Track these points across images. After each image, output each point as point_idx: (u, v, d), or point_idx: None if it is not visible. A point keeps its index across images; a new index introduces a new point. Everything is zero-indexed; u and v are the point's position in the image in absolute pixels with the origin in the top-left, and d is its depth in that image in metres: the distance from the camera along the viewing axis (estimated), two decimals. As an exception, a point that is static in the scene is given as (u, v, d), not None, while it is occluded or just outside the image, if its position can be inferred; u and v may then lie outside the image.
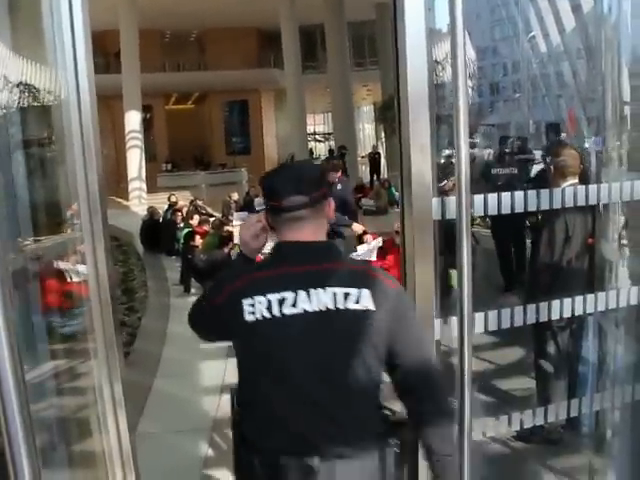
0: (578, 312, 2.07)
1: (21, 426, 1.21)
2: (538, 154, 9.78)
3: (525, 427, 3.51)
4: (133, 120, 21.24)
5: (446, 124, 2.11)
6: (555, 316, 2.03)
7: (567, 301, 2.03)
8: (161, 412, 4.61)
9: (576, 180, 3.54)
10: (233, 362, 4.89)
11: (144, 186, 21.70)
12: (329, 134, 35.93)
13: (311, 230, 1.63)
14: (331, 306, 1.58)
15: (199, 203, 14.28)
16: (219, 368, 5.44)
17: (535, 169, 8.80)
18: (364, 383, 1.62)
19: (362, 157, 29.31)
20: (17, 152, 2.49)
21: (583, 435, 3.64)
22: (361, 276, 1.63)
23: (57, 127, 2.25)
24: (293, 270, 1.62)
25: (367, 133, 43.77)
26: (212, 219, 11.06)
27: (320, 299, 1.58)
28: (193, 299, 6.05)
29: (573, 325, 3.58)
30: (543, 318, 2.02)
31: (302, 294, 1.58)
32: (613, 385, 2.63)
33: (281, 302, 1.58)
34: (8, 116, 2.75)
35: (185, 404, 4.74)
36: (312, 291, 1.58)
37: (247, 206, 15.53)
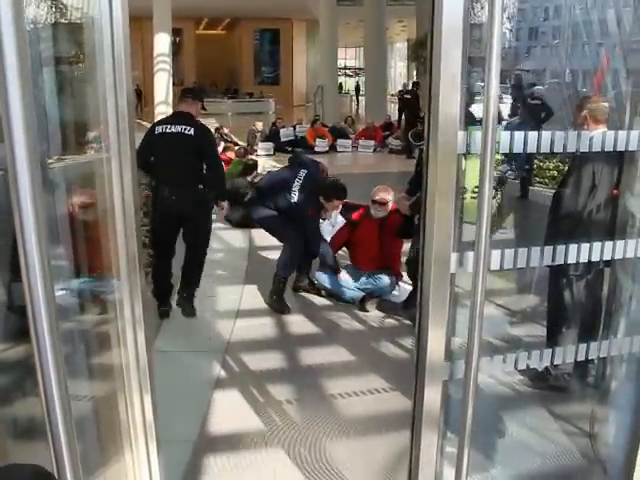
0: (595, 258, 2.06)
1: (49, 339, 1.26)
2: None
3: (533, 372, 3.61)
4: (162, 43, 20.92)
5: (479, 66, 2.07)
6: (572, 260, 2.03)
7: (585, 246, 2.02)
8: (177, 332, 4.73)
9: (606, 128, 3.47)
10: (249, 288, 4.97)
11: (170, 110, 21.57)
12: (360, 69, 35.25)
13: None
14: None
15: (225, 131, 14.18)
16: (236, 292, 5.55)
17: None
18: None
19: (392, 95, 28.81)
20: (46, 69, 2.48)
21: (588, 384, 3.70)
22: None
23: (88, 45, 2.23)
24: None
25: (399, 71, 42.90)
26: (237, 147, 11.00)
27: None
28: (214, 225, 6.04)
29: (589, 275, 3.58)
30: (559, 261, 2.02)
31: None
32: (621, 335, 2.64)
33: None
34: (36, 32, 2.72)
35: (200, 326, 4.85)
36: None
37: (273, 136, 15.47)
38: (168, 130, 4.83)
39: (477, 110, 1.87)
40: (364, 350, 4.46)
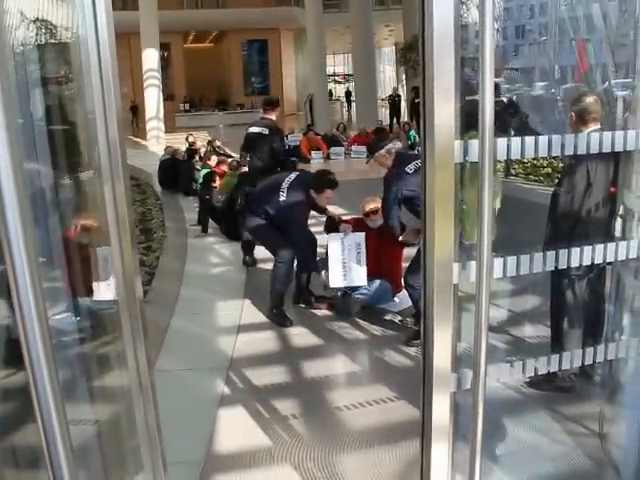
0: (597, 261, 2.05)
1: (45, 363, 1.23)
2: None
3: (539, 374, 3.58)
4: (151, 58, 20.99)
5: (469, 67, 2.05)
6: (574, 264, 2.01)
7: (587, 249, 2.01)
8: (178, 350, 4.70)
9: (598, 126, 3.46)
10: (249, 302, 4.94)
11: (162, 125, 21.62)
12: (349, 75, 35.33)
13: None
14: None
15: (217, 143, 14.18)
16: (236, 308, 5.52)
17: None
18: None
19: (382, 100, 28.88)
20: (35, 90, 2.46)
21: (595, 384, 3.67)
22: None
23: (75, 65, 2.21)
24: None
25: (388, 75, 43.02)
26: (230, 160, 10.99)
27: None
28: (210, 240, 6.20)
29: (591, 274, 3.56)
30: (562, 265, 2.00)
31: None
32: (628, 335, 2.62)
33: None
34: (26, 53, 2.71)
35: (202, 343, 4.82)
36: None
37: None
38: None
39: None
40: (367, 360, 4.44)
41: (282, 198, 5.20)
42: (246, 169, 8.13)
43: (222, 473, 3.19)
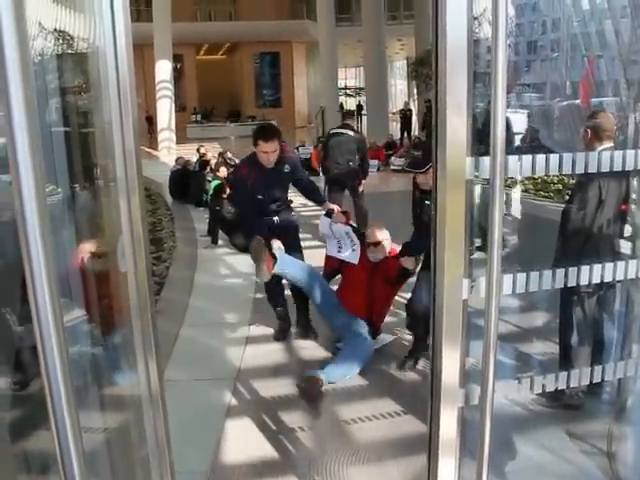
0: (607, 279, 2.05)
1: (61, 370, 1.25)
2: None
3: (547, 391, 3.57)
4: (164, 70, 21.16)
5: (481, 82, 2.07)
6: (584, 281, 2.02)
7: (597, 267, 2.01)
8: (187, 360, 4.71)
9: (611, 144, 3.47)
10: (257, 314, 4.93)
11: (173, 136, 21.75)
12: (360, 89, 35.46)
13: None
14: None
15: (228, 155, 14.24)
16: (245, 319, 5.53)
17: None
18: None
19: (393, 114, 28.94)
20: (53, 100, 2.49)
21: (604, 402, 3.66)
22: None
23: (93, 75, 2.24)
24: None
25: (399, 89, 43.14)
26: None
27: None
28: (220, 251, 6.25)
29: (600, 292, 3.55)
30: (571, 283, 2.00)
31: None
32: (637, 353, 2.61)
33: None
34: (44, 63, 2.75)
35: (210, 353, 4.83)
36: None
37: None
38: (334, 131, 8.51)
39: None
40: (374, 373, 4.42)
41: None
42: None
43: (229, 484, 3.21)
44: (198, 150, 13.56)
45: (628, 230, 3.59)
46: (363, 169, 8.32)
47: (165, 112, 21.50)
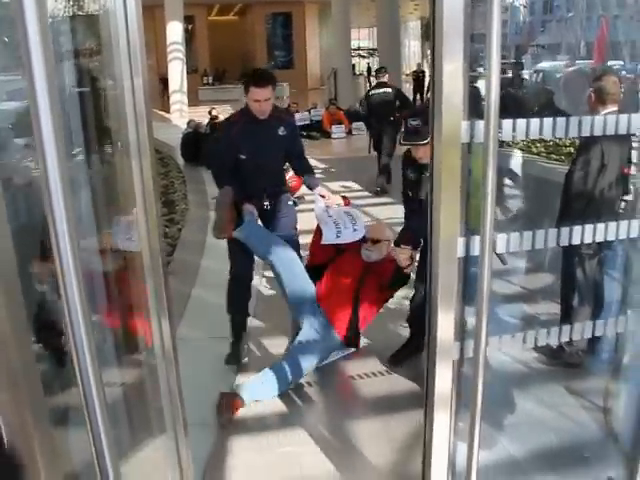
0: (599, 239, 2.13)
1: (84, 330, 1.36)
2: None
3: (548, 349, 3.69)
4: (175, 31, 20.98)
5: (483, 43, 2.09)
6: (576, 242, 2.10)
7: (589, 227, 2.09)
8: (199, 319, 4.85)
9: (616, 107, 3.51)
10: (268, 272, 4.97)
11: (185, 99, 21.67)
12: (374, 50, 35.04)
13: None
14: None
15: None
16: (254, 280, 5.63)
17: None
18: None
19: (407, 75, 28.65)
20: (65, 62, 2.55)
21: (603, 361, 3.77)
22: None
23: (104, 37, 2.29)
24: None
25: (413, 50, 42.57)
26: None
27: None
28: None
29: (601, 253, 3.63)
30: (564, 243, 2.08)
31: None
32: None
33: None
34: (55, 25, 2.79)
35: (221, 312, 4.94)
36: None
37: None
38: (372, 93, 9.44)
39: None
40: (378, 333, 4.50)
41: None
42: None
43: (237, 434, 3.38)
44: (210, 112, 13.56)
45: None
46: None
47: (177, 74, 21.40)
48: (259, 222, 4.14)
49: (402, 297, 4.46)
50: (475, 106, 1.80)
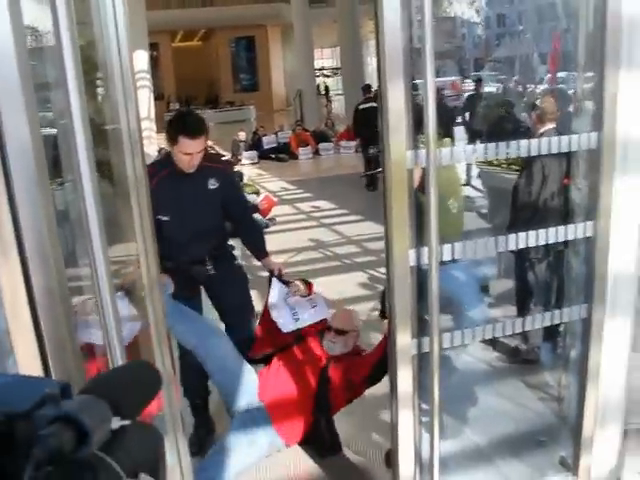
0: (531, 244, 2.47)
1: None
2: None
3: (504, 345, 4.05)
4: (141, 60, 21.15)
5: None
6: (512, 247, 2.43)
7: (522, 235, 2.43)
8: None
9: (553, 125, 3.91)
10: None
11: (154, 126, 21.84)
12: (337, 69, 35.63)
13: None
14: None
15: (208, 143, 14.46)
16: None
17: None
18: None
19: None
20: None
21: (557, 355, 4.12)
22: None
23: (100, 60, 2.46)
24: None
25: (375, 67, 43.19)
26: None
27: None
28: None
29: (549, 257, 4.02)
30: (502, 249, 2.42)
31: None
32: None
33: None
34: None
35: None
36: None
37: (255, 145, 15.84)
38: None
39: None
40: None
41: None
42: (237, 168, 8.61)
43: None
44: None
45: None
46: None
47: (145, 102, 21.57)
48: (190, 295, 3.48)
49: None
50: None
